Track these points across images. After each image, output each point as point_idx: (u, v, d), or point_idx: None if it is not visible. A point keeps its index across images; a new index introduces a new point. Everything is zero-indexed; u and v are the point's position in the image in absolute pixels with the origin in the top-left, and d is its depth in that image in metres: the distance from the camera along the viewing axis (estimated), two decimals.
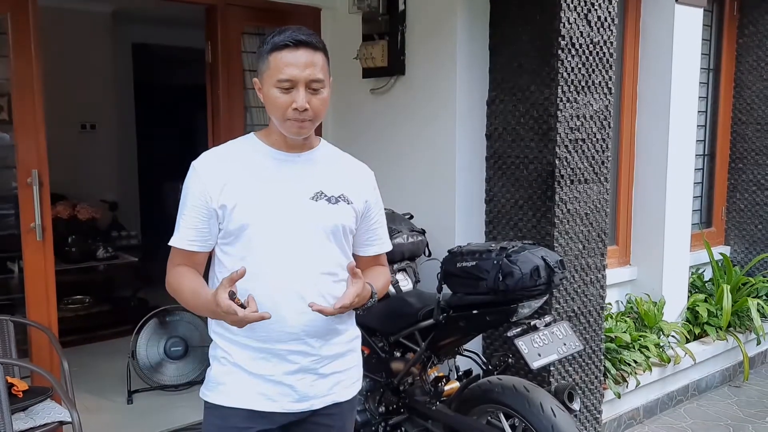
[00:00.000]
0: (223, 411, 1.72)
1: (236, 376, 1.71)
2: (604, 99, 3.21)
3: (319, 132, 3.98)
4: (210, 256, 1.77)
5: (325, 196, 1.73)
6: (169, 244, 1.73)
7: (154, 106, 7.05)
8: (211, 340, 1.79)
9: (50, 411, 2.83)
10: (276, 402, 1.70)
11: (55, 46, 5.31)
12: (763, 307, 4.52)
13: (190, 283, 1.68)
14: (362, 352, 2.88)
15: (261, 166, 1.70)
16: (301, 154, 1.75)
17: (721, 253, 4.86)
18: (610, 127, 3.26)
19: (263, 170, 1.70)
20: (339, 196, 1.75)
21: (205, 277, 1.77)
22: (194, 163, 1.72)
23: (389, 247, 1.94)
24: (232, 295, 1.49)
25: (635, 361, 3.73)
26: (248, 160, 1.71)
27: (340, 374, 1.79)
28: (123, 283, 5.48)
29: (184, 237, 1.70)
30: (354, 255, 1.85)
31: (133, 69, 6.70)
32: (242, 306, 1.50)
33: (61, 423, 2.81)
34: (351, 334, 1.83)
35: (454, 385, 2.85)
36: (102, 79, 6.27)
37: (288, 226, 1.68)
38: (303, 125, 1.67)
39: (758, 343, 4.61)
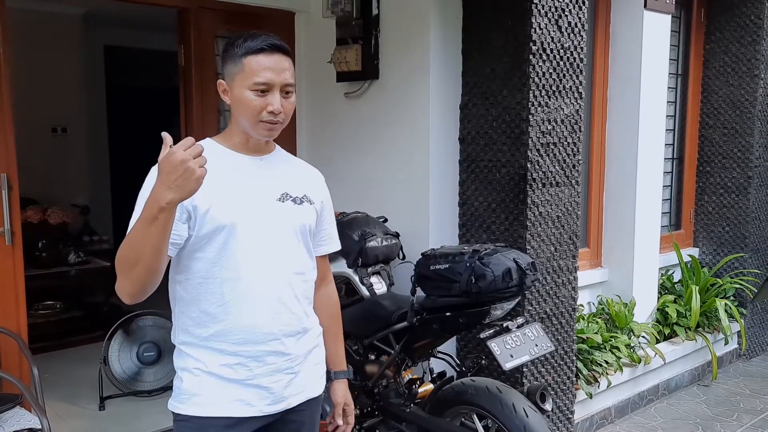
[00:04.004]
0: (198, 422, 1.68)
1: (211, 386, 1.68)
2: (575, 103, 3.26)
3: (293, 135, 4.00)
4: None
5: (291, 197, 1.76)
6: None
7: (127, 109, 6.97)
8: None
9: (20, 418, 2.79)
10: (253, 406, 1.70)
11: (25, 48, 5.23)
12: (730, 307, 4.61)
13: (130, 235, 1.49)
14: None
15: (226, 169, 1.69)
16: (263, 157, 1.77)
17: (689, 255, 4.94)
18: (580, 131, 3.31)
19: (230, 173, 1.69)
20: (302, 197, 1.79)
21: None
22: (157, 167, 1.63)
23: (338, 246, 1.97)
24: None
25: (606, 362, 3.78)
26: (212, 163, 1.63)
27: (310, 370, 1.82)
28: (95, 289, 5.38)
29: None
30: None
31: (105, 72, 6.63)
32: None
33: (31, 430, 2.77)
34: (316, 331, 1.87)
35: (428, 387, 2.86)
36: (73, 82, 6.20)
37: (260, 227, 1.69)
38: (274, 128, 1.71)
39: (726, 343, 4.70)
